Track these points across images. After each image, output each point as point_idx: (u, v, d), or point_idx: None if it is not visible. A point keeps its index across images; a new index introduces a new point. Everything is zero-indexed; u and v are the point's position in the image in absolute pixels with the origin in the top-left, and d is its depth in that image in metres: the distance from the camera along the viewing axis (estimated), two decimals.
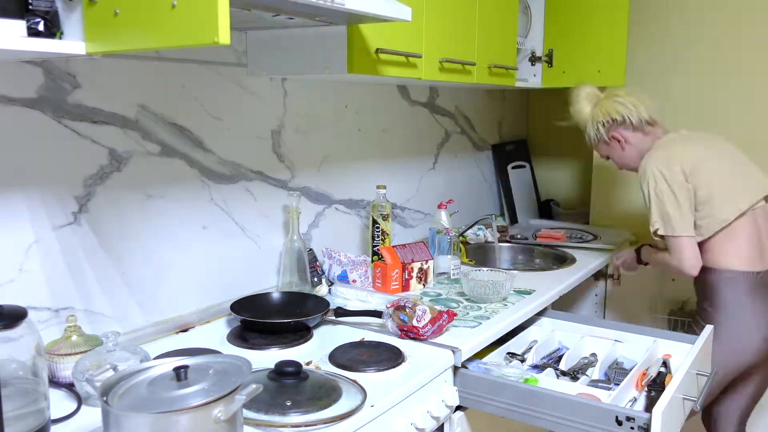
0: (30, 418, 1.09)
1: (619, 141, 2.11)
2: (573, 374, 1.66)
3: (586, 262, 2.37)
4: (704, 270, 1.96)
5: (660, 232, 1.95)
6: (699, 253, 1.94)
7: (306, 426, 1.16)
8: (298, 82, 1.98)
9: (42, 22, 1.10)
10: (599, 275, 2.62)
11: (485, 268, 2.07)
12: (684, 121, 2.85)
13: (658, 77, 2.91)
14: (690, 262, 1.92)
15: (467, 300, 1.91)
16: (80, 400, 1.25)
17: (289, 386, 1.26)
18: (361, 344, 1.57)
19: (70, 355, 1.30)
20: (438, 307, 1.66)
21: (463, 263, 2.24)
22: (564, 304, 2.12)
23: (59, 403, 1.24)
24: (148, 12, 1.04)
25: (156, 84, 1.58)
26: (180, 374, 0.98)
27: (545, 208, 3.22)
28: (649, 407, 1.49)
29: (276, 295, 1.81)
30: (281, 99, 1.94)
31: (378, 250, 2.06)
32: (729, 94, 2.77)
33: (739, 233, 1.93)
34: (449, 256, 2.17)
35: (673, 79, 2.88)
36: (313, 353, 1.52)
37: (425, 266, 2.04)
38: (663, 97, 2.90)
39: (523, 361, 1.75)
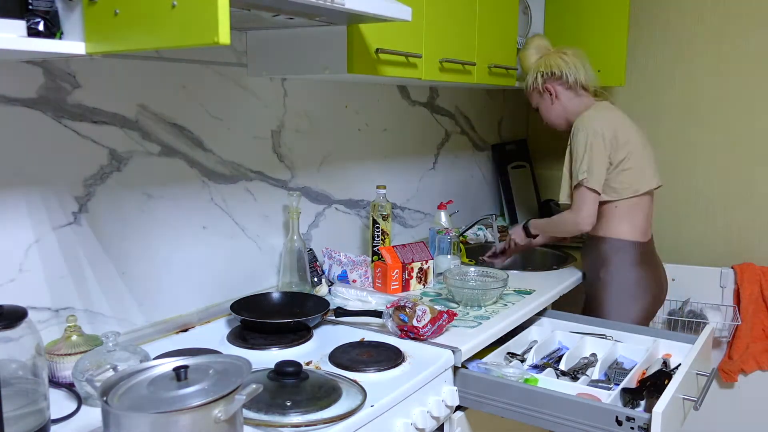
0: (30, 418, 1.09)
1: (551, 94, 2.21)
2: (573, 374, 1.66)
3: None
4: (599, 240, 2.15)
5: (585, 183, 2.04)
6: (596, 212, 2.08)
7: (306, 426, 1.16)
8: (298, 82, 1.98)
9: (42, 22, 1.10)
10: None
11: (472, 268, 2.07)
12: (684, 121, 2.87)
13: (658, 77, 2.91)
14: (590, 217, 2.07)
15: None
16: (80, 400, 1.25)
17: (289, 386, 1.26)
18: (361, 344, 1.57)
19: (70, 355, 1.30)
20: (438, 307, 1.66)
21: (463, 263, 2.24)
22: (564, 304, 2.13)
23: (59, 403, 1.24)
24: (148, 12, 1.04)
25: (156, 84, 1.58)
26: (180, 374, 0.98)
27: (545, 208, 3.22)
28: (649, 407, 1.49)
29: (276, 295, 1.81)
30: (281, 99, 1.94)
31: (378, 250, 2.06)
32: (729, 94, 2.77)
33: (637, 209, 2.12)
34: (449, 256, 2.17)
35: (673, 79, 2.88)
36: (313, 353, 1.52)
37: (425, 266, 2.04)
38: (663, 97, 2.90)
39: (523, 361, 1.75)
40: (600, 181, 2.04)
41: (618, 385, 1.57)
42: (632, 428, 1.36)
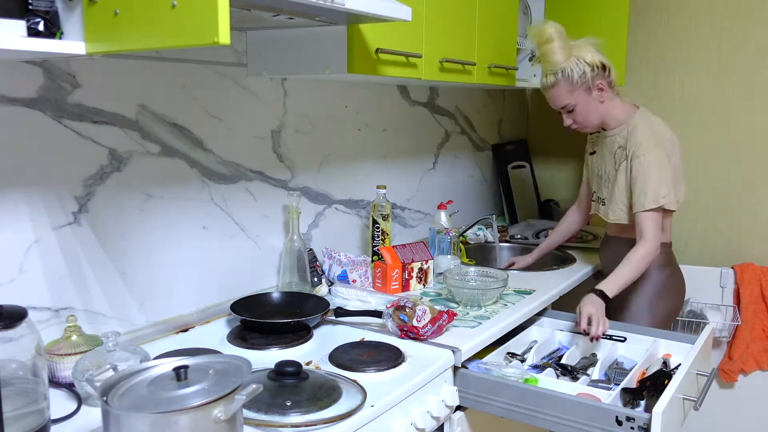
0: (30, 418, 1.09)
1: (601, 91, 1.97)
2: (573, 374, 1.66)
3: (586, 262, 2.37)
4: (627, 241, 1.99)
5: (668, 207, 1.92)
6: None
7: (306, 426, 1.16)
8: (298, 82, 1.98)
9: (42, 22, 1.10)
10: (599, 275, 2.62)
11: (472, 268, 2.07)
12: (684, 121, 2.87)
13: (658, 77, 2.91)
14: (659, 236, 1.94)
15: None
16: (80, 400, 1.25)
17: (289, 386, 1.26)
18: (361, 344, 1.57)
19: (70, 355, 1.30)
20: (438, 307, 1.66)
21: (463, 263, 2.24)
22: (564, 304, 2.13)
23: (59, 403, 1.24)
24: (148, 12, 1.04)
25: (156, 84, 1.58)
26: (180, 374, 0.98)
27: (545, 208, 3.22)
28: (649, 407, 1.49)
29: (276, 295, 1.81)
30: (281, 99, 1.94)
31: (378, 250, 2.06)
32: (729, 94, 2.77)
33: (668, 213, 2.02)
34: (449, 256, 2.17)
35: (673, 79, 2.88)
36: (313, 353, 1.52)
37: (425, 266, 2.04)
38: (663, 97, 2.90)
39: (523, 361, 1.75)
40: (676, 199, 1.95)
41: (618, 385, 1.57)
42: (632, 428, 1.36)
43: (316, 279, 1.96)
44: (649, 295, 2.07)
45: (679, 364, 1.61)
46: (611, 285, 1.88)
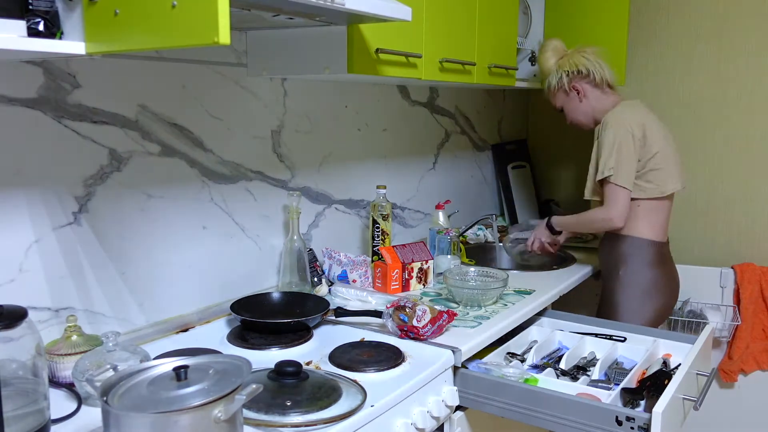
0: (30, 418, 1.09)
1: (578, 92, 2.19)
2: (573, 374, 1.66)
3: (586, 262, 2.37)
4: (618, 238, 2.13)
5: (611, 179, 2.02)
6: (628, 209, 2.05)
7: (306, 426, 1.16)
8: (298, 82, 1.98)
9: (42, 22, 1.10)
10: (599, 275, 2.61)
11: (472, 268, 2.07)
12: (684, 121, 2.87)
13: (658, 77, 2.91)
14: (623, 213, 2.03)
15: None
16: (80, 400, 1.25)
17: (289, 386, 1.26)
18: (361, 344, 1.57)
19: (70, 355, 1.30)
20: (438, 307, 1.66)
21: (463, 263, 2.24)
22: (564, 304, 2.13)
23: (59, 403, 1.24)
24: (148, 12, 1.04)
25: (156, 84, 1.58)
26: (180, 374, 0.98)
27: (545, 208, 3.22)
28: (649, 407, 1.49)
29: (276, 295, 1.81)
30: (281, 99, 1.94)
31: (378, 250, 2.06)
32: (729, 94, 2.77)
33: (659, 209, 2.11)
34: (449, 256, 2.17)
35: (673, 79, 2.88)
36: (313, 353, 1.52)
37: (425, 266, 2.04)
38: (663, 97, 2.90)
39: (523, 361, 1.75)
40: (630, 178, 2.02)
41: (618, 385, 1.57)
42: (632, 428, 1.36)
43: (316, 279, 1.96)
44: (637, 294, 2.10)
45: (679, 364, 1.61)
46: (559, 219, 2.25)
